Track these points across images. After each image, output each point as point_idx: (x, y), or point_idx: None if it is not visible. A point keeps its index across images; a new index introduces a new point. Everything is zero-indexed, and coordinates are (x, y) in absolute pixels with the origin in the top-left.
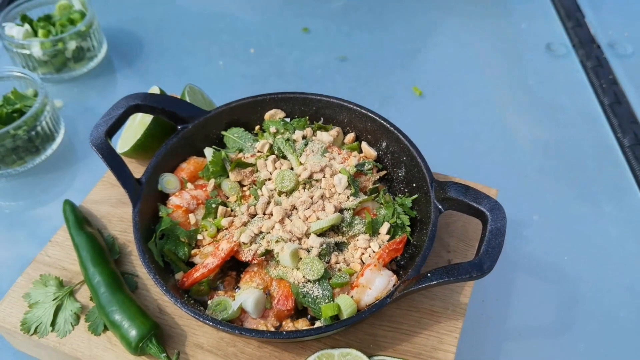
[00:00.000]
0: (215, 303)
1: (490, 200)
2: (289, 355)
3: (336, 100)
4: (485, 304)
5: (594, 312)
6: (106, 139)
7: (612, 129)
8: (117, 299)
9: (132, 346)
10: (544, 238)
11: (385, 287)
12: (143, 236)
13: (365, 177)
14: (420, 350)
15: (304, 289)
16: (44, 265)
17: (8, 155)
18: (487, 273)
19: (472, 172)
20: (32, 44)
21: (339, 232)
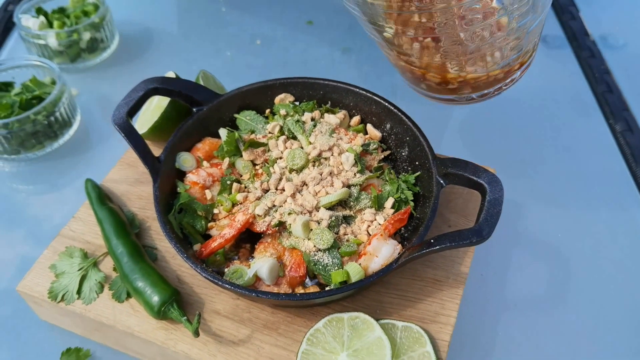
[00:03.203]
0: (231, 271)
1: (489, 173)
2: (301, 320)
3: (342, 84)
4: (484, 277)
5: (585, 286)
6: (127, 119)
7: (604, 116)
8: (139, 268)
9: (155, 311)
10: (538, 217)
11: (391, 254)
12: (163, 210)
13: (371, 157)
14: (424, 315)
15: (314, 257)
16: (68, 239)
17: (28, 140)
18: (486, 239)
19: (470, 157)
20: (48, 34)
21: (346, 206)
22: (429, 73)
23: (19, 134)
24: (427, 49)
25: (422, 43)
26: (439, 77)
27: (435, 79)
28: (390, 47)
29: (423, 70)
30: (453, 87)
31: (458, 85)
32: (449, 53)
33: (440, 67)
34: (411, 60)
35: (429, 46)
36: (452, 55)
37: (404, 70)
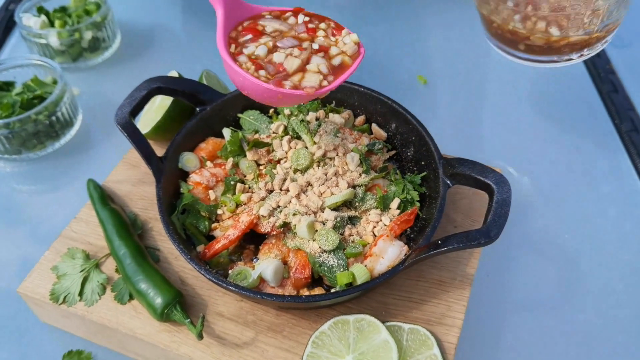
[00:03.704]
0: (235, 272)
1: (496, 174)
2: (306, 323)
3: (347, 83)
4: (490, 278)
5: (592, 287)
6: (130, 119)
7: (610, 116)
8: (142, 269)
9: (158, 313)
10: (545, 217)
11: (398, 256)
12: (166, 210)
13: (376, 157)
14: (430, 317)
15: (320, 258)
16: (70, 240)
17: (29, 140)
18: (494, 240)
19: (476, 156)
20: (49, 33)
21: (351, 207)
22: (534, 36)
23: (20, 134)
24: (530, 17)
25: (525, 11)
26: (542, 40)
27: (539, 42)
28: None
29: (527, 34)
30: (554, 48)
31: (560, 47)
32: (551, 19)
33: (544, 31)
34: (515, 26)
35: (533, 13)
36: (555, 19)
37: (501, 32)
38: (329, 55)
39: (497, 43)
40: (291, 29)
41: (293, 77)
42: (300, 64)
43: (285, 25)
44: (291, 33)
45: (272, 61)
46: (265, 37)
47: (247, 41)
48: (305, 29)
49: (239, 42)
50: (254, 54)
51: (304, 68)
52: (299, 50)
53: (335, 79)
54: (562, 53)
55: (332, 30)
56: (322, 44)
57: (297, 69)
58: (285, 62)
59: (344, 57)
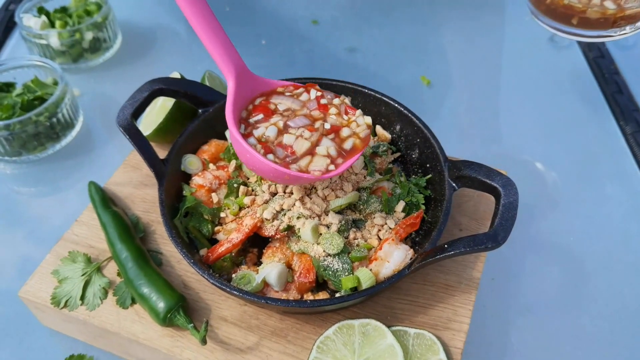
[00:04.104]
0: (239, 276)
1: (503, 176)
2: (310, 327)
3: (351, 85)
4: (495, 282)
5: (598, 289)
6: (132, 121)
7: (614, 117)
8: (144, 273)
9: (161, 317)
10: (550, 220)
11: (403, 260)
12: (168, 213)
13: (381, 159)
14: (436, 322)
15: (324, 262)
16: (72, 244)
17: (30, 141)
18: (501, 244)
19: (480, 158)
20: (50, 34)
21: (356, 210)
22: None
23: (20, 136)
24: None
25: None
26: (598, 13)
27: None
28: None
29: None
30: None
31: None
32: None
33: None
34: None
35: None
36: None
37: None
38: (339, 136)
39: (547, 20)
40: (303, 106)
41: (301, 162)
42: (310, 147)
43: (297, 103)
44: (303, 111)
45: (282, 143)
46: (276, 117)
47: (258, 121)
48: (317, 105)
49: (249, 122)
50: (264, 135)
51: (313, 151)
52: (309, 132)
53: (344, 162)
54: (617, 26)
55: (345, 108)
56: (334, 123)
57: (306, 152)
58: (295, 144)
59: (355, 140)
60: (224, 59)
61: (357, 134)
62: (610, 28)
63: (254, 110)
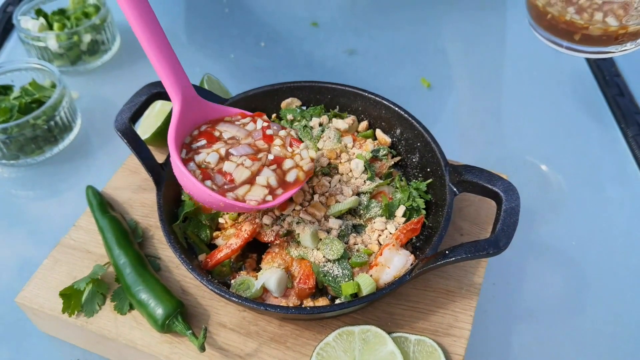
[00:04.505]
0: (238, 282)
1: (504, 181)
2: (310, 333)
3: (351, 88)
4: (496, 287)
5: (600, 294)
6: (130, 125)
7: (616, 120)
8: (143, 279)
9: (159, 324)
10: (552, 224)
11: (404, 265)
12: (167, 218)
13: (381, 163)
14: (437, 328)
15: (324, 268)
16: (69, 249)
17: (27, 145)
18: (503, 250)
19: (480, 161)
20: (48, 36)
21: (356, 215)
22: (593, 26)
23: (18, 139)
24: (586, 8)
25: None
26: (600, 30)
27: (597, 32)
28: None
29: (585, 24)
30: (612, 38)
31: (617, 37)
32: (607, 8)
33: (602, 22)
34: (572, 18)
35: (589, 4)
36: (611, 9)
37: (556, 24)
38: (281, 167)
39: (547, 35)
40: (248, 135)
41: (238, 190)
42: (250, 176)
43: (242, 132)
44: (247, 140)
45: (222, 170)
46: (219, 144)
47: (200, 147)
48: (263, 135)
49: (191, 147)
50: (204, 161)
51: (253, 180)
52: (250, 161)
53: (284, 193)
54: (618, 43)
55: (290, 140)
56: (278, 154)
57: (245, 180)
58: (234, 172)
59: (298, 172)
60: (172, 81)
61: (301, 167)
62: (612, 45)
63: (198, 136)
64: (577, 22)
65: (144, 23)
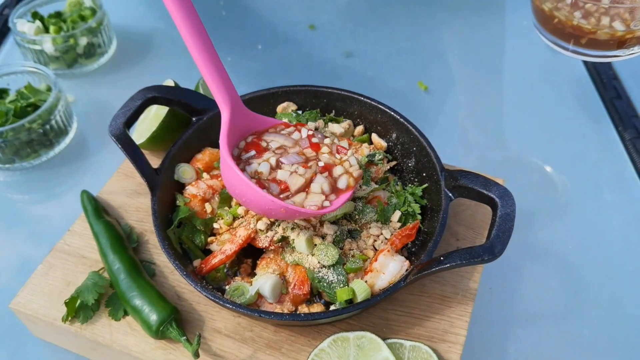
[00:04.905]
0: (233, 288)
1: (500, 187)
2: (305, 339)
3: (347, 92)
4: (492, 291)
5: (598, 299)
6: (125, 130)
7: (613, 123)
8: (137, 285)
9: (153, 330)
10: (548, 228)
11: (399, 271)
12: (161, 224)
13: (376, 168)
14: (432, 334)
15: (319, 274)
16: (64, 254)
17: (23, 149)
18: (498, 256)
19: (477, 165)
20: (43, 39)
21: (351, 220)
22: (600, 31)
23: (13, 143)
24: (592, 12)
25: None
26: (608, 35)
27: (604, 37)
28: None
29: (593, 29)
30: (619, 42)
31: (624, 41)
32: (613, 12)
33: (609, 26)
34: (579, 22)
35: (595, 9)
36: (617, 13)
37: (562, 28)
38: (332, 174)
39: (553, 38)
40: (295, 144)
41: (295, 198)
42: (304, 183)
43: (289, 140)
44: (295, 149)
45: (276, 179)
46: (268, 154)
47: (251, 158)
48: (310, 143)
49: (241, 159)
50: (257, 171)
51: (307, 188)
52: (303, 168)
53: (337, 198)
54: (625, 47)
55: (336, 147)
56: (327, 161)
57: (300, 188)
58: (289, 180)
59: (349, 179)
60: (221, 90)
61: (351, 173)
62: (619, 49)
63: (246, 148)
64: (584, 27)
65: (197, 36)
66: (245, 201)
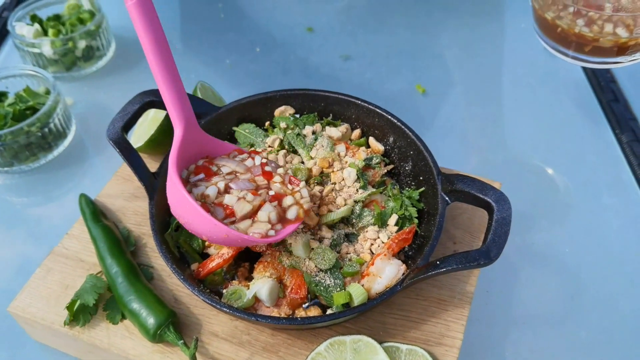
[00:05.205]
0: (230, 292)
1: (496, 191)
2: (302, 343)
3: (344, 96)
4: (489, 294)
5: (594, 301)
6: (122, 134)
7: (610, 126)
8: (135, 289)
9: (151, 334)
10: (546, 230)
11: (395, 275)
12: (159, 228)
13: (373, 171)
14: (429, 337)
15: (316, 278)
16: (62, 257)
17: (21, 152)
18: (494, 260)
19: (475, 167)
20: (42, 42)
21: (348, 223)
22: (603, 39)
23: (12, 146)
24: (595, 20)
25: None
26: (611, 42)
27: (608, 44)
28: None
29: (596, 36)
30: (622, 49)
31: (627, 48)
32: (616, 19)
33: (613, 33)
34: (582, 30)
35: (599, 16)
36: (620, 19)
37: (565, 36)
38: (281, 204)
39: (556, 45)
40: (247, 170)
41: (240, 224)
42: (251, 210)
43: (241, 167)
44: (247, 175)
45: (222, 203)
46: (217, 177)
47: (199, 181)
48: (262, 171)
49: (189, 181)
50: (203, 194)
51: (254, 215)
52: (252, 195)
53: (283, 228)
54: (628, 54)
55: (289, 178)
56: (278, 191)
57: (246, 215)
58: (236, 205)
59: (299, 210)
60: (176, 106)
61: (301, 204)
62: (621, 55)
63: (196, 171)
64: (587, 35)
65: (158, 50)
66: (188, 222)
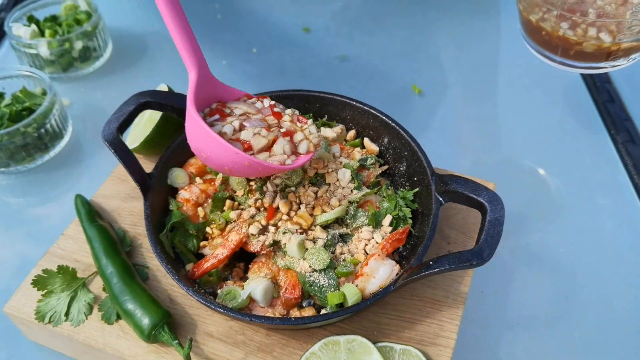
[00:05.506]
0: (225, 292)
1: (489, 192)
2: (296, 343)
3: (339, 97)
4: (484, 295)
5: (589, 302)
6: (118, 135)
7: (606, 127)
8: (130, 289)
9: (145, 334)
10: (541, 231)
11: (389, 276)
12: (154, 228)
13: (368, 172)
14: (423, 337)
15: (310, 278)
16: (57, 258)
17: (18, 152)
18: (486, 261)
19: (470, 168)
20: (39, 43)
21: (343, 224)
22: (587, 42)
23: (8, 147)
24: (579, 24)
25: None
26: (594, 47)
27: (590, 48)
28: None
29: (579, 40)
30: (605, 54)
31: (610, 53)
32: (600, 24)
33: (596, 38)
34: (566, 33)
35: (582, 20)
36: (604, 25)
37: (549, 39)
38: (293, 139)
39: (541, 49)
40: (258, 112)
41: (259, 156)
42: (267, 144)
43: (252, 108)
44: (258, 116)
45: (240, 139)
46: (232, 117)
47: (215, 121)
48: (271, 112)
49: (206, 121)
50: (220, 132)
51: (269, 149)
52: (266, 131)
53: (298, 159)
54: (612, 59)
55: (297, 117)
56: (289, 128)
57: (262, 148)
58: (252, 140)
59: (309, 144)
60: (190, 52)
61: (310, 139)
62: (606, 60)
63: (210, 113)
64: (571, 38)
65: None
66: (209, 157)
